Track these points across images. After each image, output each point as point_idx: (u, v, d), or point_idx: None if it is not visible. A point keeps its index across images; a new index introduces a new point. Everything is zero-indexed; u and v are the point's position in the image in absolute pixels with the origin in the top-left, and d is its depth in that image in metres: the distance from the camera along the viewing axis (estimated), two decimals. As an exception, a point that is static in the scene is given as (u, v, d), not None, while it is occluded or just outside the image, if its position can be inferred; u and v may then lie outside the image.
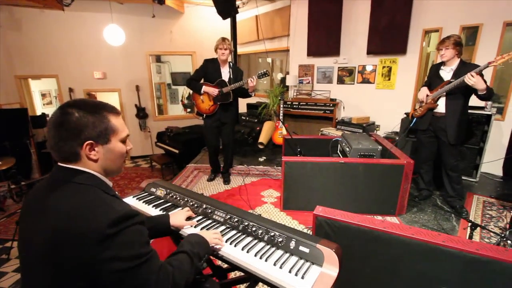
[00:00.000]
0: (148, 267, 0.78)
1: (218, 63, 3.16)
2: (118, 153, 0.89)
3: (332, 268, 1.05)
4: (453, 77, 2.53)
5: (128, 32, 5.70)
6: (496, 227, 2.53)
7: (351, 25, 4.55)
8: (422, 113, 2.77)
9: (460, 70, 2.51)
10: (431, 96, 2.66)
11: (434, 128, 2.73)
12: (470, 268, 1.33)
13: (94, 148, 0.83)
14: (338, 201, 2.67)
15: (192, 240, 1.06)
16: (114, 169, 0.91)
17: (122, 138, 0.90)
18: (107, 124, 0.85)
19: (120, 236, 0.73)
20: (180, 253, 0.98)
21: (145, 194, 1.64)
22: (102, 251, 0.70)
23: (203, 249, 1.06)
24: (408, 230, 1.48)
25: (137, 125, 6.65)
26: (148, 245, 0.82)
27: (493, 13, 3.33)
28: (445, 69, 2.63)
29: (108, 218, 0.72)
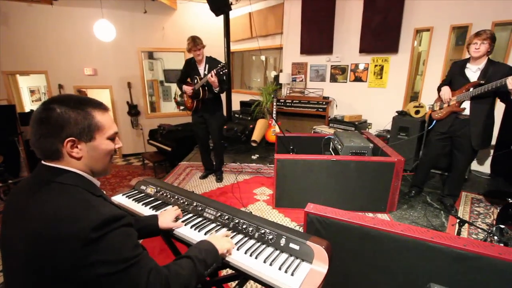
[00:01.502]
0: (137, 270, 0.75)
1: (195, 61, 3.19)
2: (104, 151, 0.86)
3: (322, 264, 1.05)
4: (480, 77, 2.34)
5: (119, 28, 5.61)
6: (484, 223, 2.59)
7: (344, 23, 4.57)
8: (444, 116, 2.58)
9: (488, 69, 2.31)
10: (456, 99, 2.48)
11: (454, 131, 2.56)
12: (458, 264, 1.35)
13: (77, 145, 0.80)
14: (330, 199, 2.69)
15: (201, 247, 1.02)
16: (100, 168, 0.88)
17: (109, 136, 0.86)
18: (91, 121, 0.81)
19: (106, 239, 0.70)
20: (184, 258, 0.95)
21: (135, 192, 1.62)
22: (87, 256, 0.67)
23: (211, 257, 1.00)
24: (398, 226, 1.49)
25: (129, 123, 6.56)
26: (137, 248, 0.78)
27: (482, 13, 3.38)
28: (471, 68, 2.42)
29: (93, 221, 0.69)
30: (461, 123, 2.52)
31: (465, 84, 2.44)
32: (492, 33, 2.30)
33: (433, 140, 2.74)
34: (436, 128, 2.70)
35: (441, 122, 2.64)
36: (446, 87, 2.59)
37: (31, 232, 0.70)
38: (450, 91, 2.55)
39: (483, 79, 2.33)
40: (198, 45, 3.04)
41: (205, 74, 3.14)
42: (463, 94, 2.44)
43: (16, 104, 5.67)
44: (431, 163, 2.88)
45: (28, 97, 7.54)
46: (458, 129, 2.54)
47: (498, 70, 2.24)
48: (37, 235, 0.69)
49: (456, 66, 2.59)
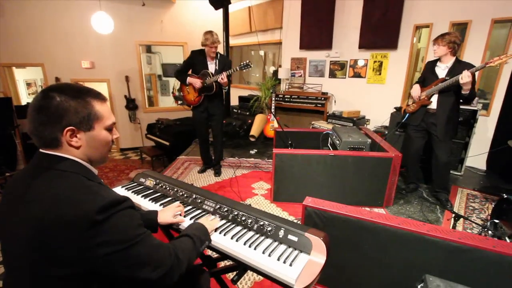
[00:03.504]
0: (144, 246, 0.78)
1: (205, 54, 3.13)
2: (103, 141, 0.86)
3: (320, 255, 1.07)
4: (448, 74, 2.54)
5: (117, 20, 5.55)
6: (478, 218, 2.63)
7: (343, 19, 4.55)
8: (415, 109, 2.79)
9: (455, 68, 2.52)
10: (425, 93, 2.68)
11: (426, 123, 2.75)
12: (453, 256, 1.38)
13: (76, 135, 0.80)
14: (328, 193, 2.71)
15: (194, 226, 1.11)
16: (98, 158, 0.88)
17: (107, 126, 0.87)
18: (91, 110, 0.82)
19: (111, 221, 0.72)
20: (183, 236, 1.02)
21: (134, 184, 1.62)
22: (93, 237, 0.69)
23: (204, 235, 1.09)
24: (395, 220, 1.52)
25: (126, 117, 6.53)
26: (141, 227, 0.81)
27: (482, 10, 3.38)
28: (441, 66, 2.64)
29: (97, 204, 0.71)
30: (430, 116, 2.70)
31: (434, 81, 2.64)
32: (450, 39, 2.47)
33: (412, 133, 2.90)
34: (410, 122, 2.88)
35: (414, 115, 2.82)
36: (416, 85, 2.79)
37: (34, 217, 0.71)
38: (420, 88, 2.75)
39: (449, 76, 2.52)
40: (216, 42, 3.01)
41: (216, 70, 3.13)
42: (431, 89, 2.63)
43: (13, 97, 5.62)
44: (416, 157, 2.97)
45: (25, 90, 7.47)
46: (429, 122, 2.72)
47: (463, 68, 2.38)
48: (40, 219, 0.70)
49: (428, 64, 2.79)
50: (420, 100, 2.74)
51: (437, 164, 2.77)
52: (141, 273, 0.77)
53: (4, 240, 0.80)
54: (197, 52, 3.18)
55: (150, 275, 0.79)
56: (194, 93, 3.21)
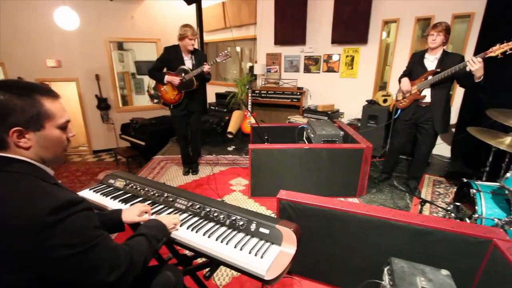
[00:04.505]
0: (100, 249, 0.77)
1: (180, 50, 3.04)
2: (55, 140, 0.82)
3: (290, 246, 1.09)
4: (437, 66, 2.50)
5: (84, 16, 5.28)
6: (444, 202, 2.80)
7: (316, 14, 4.62)
8: (408, 104, 2.73)
9: (444, 59, 2.49)
10: (416, 87, 2.62)
11: (417, 118, 2.71)
12: (417, 238, 1.47)
13: (24, 135, 0.76)
14: (304, 186, 2.77)
15: (150, 224, 1.09)
16: (52, 158, 0.85)
17: (60, 124, 0.83)
18: (40, 109, 0.77)
19: (64, 223, 0.70)
20: (137, 236, 1.00)
21: (102, 186, 1.57)
22: (45, 240, 0.67)
23: (160, 232, 1.08)
24: (363, 207, 1.58)
25: (98, 117, 6.27)
26: (98, 229, 0.79)
27: (443, 6, 3.57)
28: (429, 58, 2.58)
29: (48, 206, 0.68)
30: (422, 110, 2.68)
31: (424, 73, 2.60)
32: (447, 26, 2.45)
33: (400, 128, 2.89)
34: (401, 117, 2.85)
35: (405, 110, 2.79)
36: (406, 79, 2.72)
37: None
38: (409, 82, 2.70)
39: (440, 67, 2.51)
40: (196, 34, 2.92)
41: (193, 65, 3.04)
42: (422, 83, 2.59)
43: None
44: (400, 151, 3.05)
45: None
46: (421, 115, 2.70)
47: (452, 59, 2.43)
48: None
49: (415, 56, 2.75)
50: (411, 95, 2.69)
51: (419, 155, 2.84)
52: (97, 276, 0.76)
53: None
54: (171, 48, 3.06)
55: (106, 278, 0.77)
56: (173, 91, 3.09)
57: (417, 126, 2.79)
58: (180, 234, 1.17)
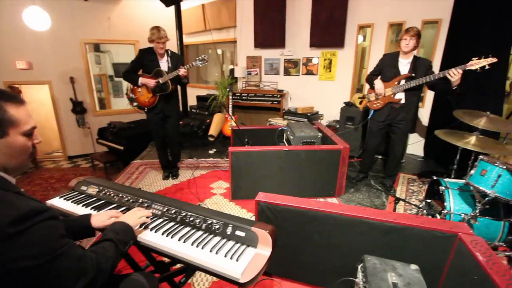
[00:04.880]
0: (65, 259, 0.76)
1: (155, 52, 3.00)
2: (19, 148, 0.80)
3: (266, 248, 1.11)
4: (410, 70, 2.63)
5: (56, 16, 5.08)
6: (417, 200, 2.92)
7: (294, 18, 4.71)
8: (382, 106, 2.82)
9: (416, 64, 2.62)
10: (391, 90, 2.71)
11: (392, 119, 2.81)
12: (389, 235, 1.52)
13: None
14: (284, 187, 2.80)
15: (116, 228, 1.07)
16: (16, 166, 0.82)
17: (25, 131, 0.80)
18: (3, 115, 0.75)
19: (27, 234, 0.68)
20: (104, 241, 0.99)
21: (74, 193, 1.52)
22: (6, 251, 0.65)
23: (127, 235, 1.07)
24: (339, 207, 1.63)
25: (74, 121, 6.02)
26: (63, 238, 0.78)
27: (414, 12, 3.75)
28: (402, 61, 2.68)
29: (9, 216, 0.66)
30: (396, 111, 2.80)
31: (397, 76, 2.71)
32: (418, 30, 2.58)
33: (375, 129, 2.99)
34: (375, 118, 2.95)
35: (379, 111, 2.89)
36: (379, 81, 2.80)
37: None
38: (383, 84, 2.79)
39: (413, 72, 2.64)
40: (163, 37, 2.87)
41: (169, 67, 3.00)
42: (397, 87, 2.70)
43: None
44: (375, 150, 3.16)
45: None
46: (394, 117, 2.82)
47: (423, 64, 2.58)
48: None
49: (387, 59, 2.83)
50: (385, 97, 2.77)
51: (394, 154, 2.96)
52: (62, 286, 0.75)
53: None
54: (145, 50, 3.02)
55: (72, 287, 0.77)
56: (147, 94, 3.05)
57: (391, 126, 2.90)
58: (155, 240, 1.15)
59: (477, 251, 1.27)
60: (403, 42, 2.60)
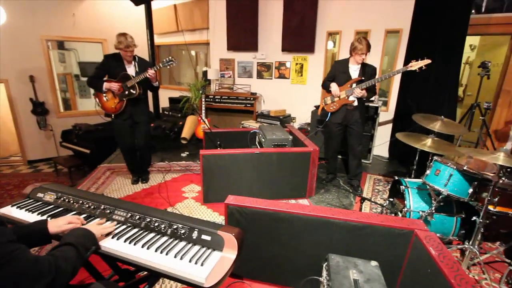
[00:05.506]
0: (17, 263, 0.75)
1: (121, 57, 2.90)
2: None
3: (231, 251, 1.11)
4: (360, 74, 2.86)
5: (12, 10, 4.74)
6: (382, 199, 3.08)
7: (267, 22, 4.78)
8: (337, 108, 3.00)
9: (364, 68, 2.86)
10: (344, 93, 2.91)
11: (346, 120, 3.00)
12: (353, 234, 1.59)
13: None
14: (256, 190, 2.82)
15: (76, 233, 1.05)
16: None
17: None
18: None
19: None
20: (64, 245, 0.97)
21: (30, 201, 1.42)
22: None
23: (89, 240, 1.05)
24: (306, 208, 1.68)
25: (34, 123, 5.62)
26: (12, 244, 0.76)
27: (377, 22, 3.97)
28: (352, 67, 2.91)
29: None
30: (350, 113, 2.99)
31: (349, 80, 2.92)
32: (369, 43, 2.77)
33: (334, 130, 3.15)
34: (332, 120, 3.11)
35: (336, 114, 3.04)
36: (335, 84, 2.96)
37: None
38: (338, 87, 2.97)
39: (362, 76, 2.86)
40: (131, 45, 2.77)
41: (136, 72, 2.91)
42: (349, 89, 2.90)
43: None
44: (336, 151, 3.31)
45: None
46: (349, 118, 3.01)
47: (369, 70, 2.85)
48: None
49: (339, 65, 3.03)
50: (340, 99, 2.96)
51: (354, 153, 3.12)
52: None
53: None
54: (111, 56, 2.92)
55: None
56: (113, 99, 2.94)
57: (347, 128, 3.08)
58: (117, 248, 1.11)
59: (430, 246, 1.37)
60: (360, 57, 2.79)
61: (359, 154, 3.12)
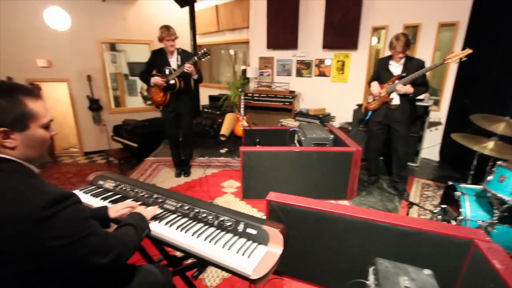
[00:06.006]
0: (92, 237, 0.82)
1: (165, 52, 3.08)
2: (39, 140, 0.85)
3: (277, 246, 1.11)
4: (403, 71, 2.72)
5: (75, 16, 5.26)
6: (432, 205, 2.86)
7: (308, 19, 4.69)
8: (377, 106, 2.92)
9: (407, 64, 2.72)
10: (385, 90, 2.82)
11: (388, 119, 2.88)
12: (402, 239, 1.51)
13: (9, 135, 0.78)
14: (294, 188, 2.79)
15: (134, 216, 1.15)
16: (36, 157, 0.87)
17: (44, 124, 0.85)
18: (23, 109, 0.79)
19: (58, 216, 0.74)
20: (126, 226, 1.06)
21: (92, 187, 1.57)
22: (41, 233, 0.71)
23: (143, 223, 1.15)
24: (351, 209, 1.62)
25: (90, 118, 6.20)
26: (89, 220, 0.84)
27: (430, 15, 3.67)
28: (394, 64, 2.80)
29: (42, 200, 0.71)
30: (392, 111, 2.85)
31: (390, 78, 2.79)
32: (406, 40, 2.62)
33: (374, 130, 3.03)
34: (373, 118, 3.00)
35: (376, 112, 2.95)
36: (375, 83, 2.90)
37: None
38: (379, 85, 2.88)
39: (405, 72, 2.70)
40: (173, 34, 2.97)
41: (178, 65, 3.07)
42: (390, 86, 2.78)
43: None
44: (378, 151, 3.15)
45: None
46: (391, 117, 2.87)
47: (414, 64, 2.66)
48: None
49: (381, 63, 2.94)
50: (380, 97, 2.88)
51: (397, 156, 2.96)
52: (92, 260, 0.82)
53: None
54: (156, 51, 3.13)
55: (101, 260, 0.83)
56: (159, 92, 3.15)
57: (390, 128, 2.94)
58: (169, 235, 1.18)
59: (494, 259, 1.24)
60: (398, 55, 2.70)
61: (402, 157, 2.95)
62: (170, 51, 3.06)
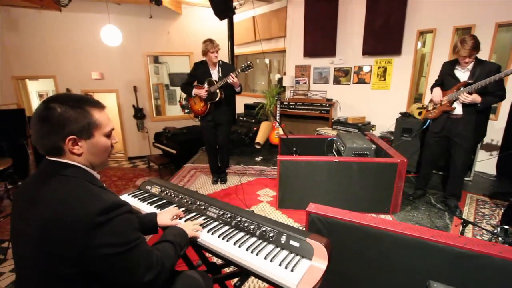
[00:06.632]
0: (138, 251, 0.83)
1: (207, 64, 3.21)
2: (102, 147, 0.91)
3: (321, 261, 1.07)
4: (470, 77, 2.44)
5: (125, 32, 5.73)
6: (489, 224, 2.57)
7: (346, 25, 4.59)
8: (437, 115, 2.66)
9: (476, 69, 2.41)
10: (447, 98, 2.56)
11: (448, 131, 2.62)
12: (458, 262, 1.36)
13: (77, 143, 0.85)
14: (333, 200, 2.70)
15: (174, 232, 1.14)
16: (99, 163, 0.93)
17: (106, 133, 0.91)
18: (90, 119, 0.86)
19: (110, 224, 0.77)
20: (164, 242, 1.06)
21: (140, 192, 1.66)
22: (92, 238, 0.74)
23: (183, 239, 1.13)
24: (398, 225, 1.51)
25: (134, 126, 6.66)
26: (137, 232, 0.86)
27: (485, 14, 3.37)
28: (460, 68, 2.51)
29: (97, 207, 0.76)
30: (453, 123, 2.58)
31: (455, 84, 2.51)
32: (474, 44, 2.31)
33: (431, 141, 2.78)
34: (431, 129, 2.75)
35: (435, 122, 2.70)
36: (437, 89, 2.66)
37: (41, 218, 0.76)
38: (441, 92, 2.62)
39: (472, 78, 2.41)
40: (216, 46, 3.11)
41: (219, 77, 3.19)
42: (453, 94, 2.50)
43: (25, 108, 5.81)
44: (432, 164, 2.89)
45: (37, 101, 7.68)
46: (452, 128, 2.60)
47: (485, 69, 2.32)
48: (47, 220, 0.75)
49: (446, 67, 2.67)
50: (441, 106, 2.62)
51: (455, 171, 2.68)
52: (134, 275, 0.82)
53: (15, 242, 0.86)
54: (199, 63, 3.28)
55: (142, 278, 0.83)
56: (200, 103, 3.27)
57: (449, 140, 2.67)
58: (211, 242, 1.20)
59: None
60: (463, 60, 2.40)
61: (459, 172, 2.66)
62: (214, 62, 3.18)
